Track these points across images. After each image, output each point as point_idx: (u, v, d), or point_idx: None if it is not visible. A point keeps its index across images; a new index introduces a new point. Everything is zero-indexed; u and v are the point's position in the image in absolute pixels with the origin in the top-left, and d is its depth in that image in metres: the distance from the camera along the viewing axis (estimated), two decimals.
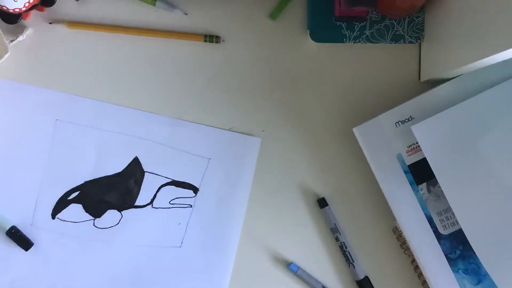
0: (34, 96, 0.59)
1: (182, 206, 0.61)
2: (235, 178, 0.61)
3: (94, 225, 0.60)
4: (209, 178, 0.61)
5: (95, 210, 0.60)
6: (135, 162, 0.60)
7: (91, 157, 0.60)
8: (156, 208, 0.60)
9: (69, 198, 0.59)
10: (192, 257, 0.60)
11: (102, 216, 0.60)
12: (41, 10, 0.59)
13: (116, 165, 0.60)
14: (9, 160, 0.59)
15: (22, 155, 0.59)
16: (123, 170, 0.60)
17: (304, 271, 0.61)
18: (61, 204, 0.59)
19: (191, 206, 0.61)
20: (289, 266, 0.61)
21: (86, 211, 0.60)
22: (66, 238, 0.60)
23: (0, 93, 0.59)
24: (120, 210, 0.60)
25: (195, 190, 0.61)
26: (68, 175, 0.60)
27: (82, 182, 0.60)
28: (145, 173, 0.60)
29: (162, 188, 0.60)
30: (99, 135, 0.60)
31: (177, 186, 0.61)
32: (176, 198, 0.61)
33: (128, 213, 0.60)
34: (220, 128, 0.61)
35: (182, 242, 0.60)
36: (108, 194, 0.60)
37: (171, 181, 0.61)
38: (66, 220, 0.60)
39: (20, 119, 0.59)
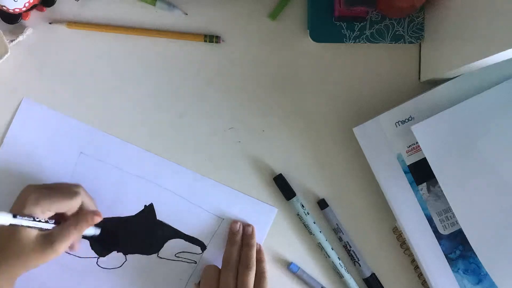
0: (62, 125, 0.59)
1: (187, 261, 0.60)
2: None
3: (97, 263, 0.60)
4: (219, 238, 0.61)
5: (101, 249, 0.60)
6: (150, 209, 0.60)
7: (107, 196, 0.59)
8: (161, 258, 0.60)
9: None
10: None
11: (107, 256, 0.60)
12: (41, 10, 0.59)
13: (131, 208, 0.60)
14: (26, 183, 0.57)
15: (40, 181, 0.58)
16: (136, 214, 0.60)
17: (304, 271, 0.61)
18: None
19: (195, 263, 0.60)
20: (289, 266, 0.61)
21: (92, 248, 0.60)
22: (66, 270, 0.59)
23: (27, 115, 0.59)
24: (125, 254, 0.60)
25: (203, 247, 0.61)
26: None
27: None
28: (158, 221, 0.60)
29: (171, 239, 0.60)
30: (120, 175, 0.60)
31: (186, 240, 0.60)
32: (183, 252, 0.60)
33: (133, 257, 0.60)
34: (241, 192, 0.61)
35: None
36: (117, 235, 0.60)
37: (181, 234, 0.60)
38: (70, 253, 0.59)
39: (44, 145, 0.59)
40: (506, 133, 0.56)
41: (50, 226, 0.52)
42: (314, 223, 0.61)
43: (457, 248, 0.58)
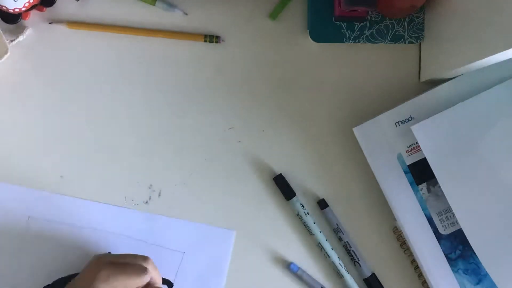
0: (6, 194, 0.59)
1: None
2: (210, 271, 0.60)
3: None
4: (184, 272, 0.60)
5: None
6: None
7: (65, 253, 0.58)
8: None
9: None
10: None
11: None
12: (41, 10, 0.59)
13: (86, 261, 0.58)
14: None
15: None
16: None
17: (304, 271, 0.61)
18: None
19: None
20: (289, 266, 0.61)
21: None
22: None
23: None
24: None
25: (170, 284, 0.60)
26: (40, 272, 0.58)
27: (56, 279, 0.57)
28: None
29: None
30: (71, 231, 0.59)
31: None
32: None
33: None
34: (195, 222, 0.60)
35: None
36: None
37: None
38: None
39: None
40: (506, 133, 0.56)
41: None
42: (314, 223, 0.61)
43: (457, 248, 0.58)
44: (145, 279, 0.53)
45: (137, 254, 0.55)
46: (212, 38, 0.60)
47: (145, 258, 0.55)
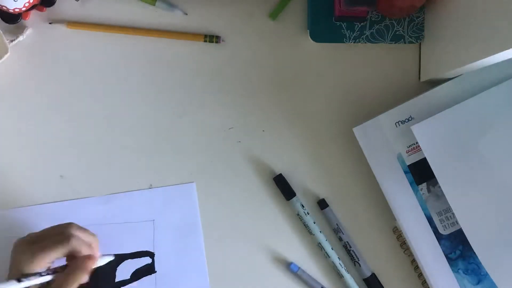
0: None
1: (146, 274, 0.60)
2: (185, 228, 0.60)
3: None
4: (160, 239, 0.60)
5: None
6: None
7: None
8: (119, 286, 0.59)
9: None
10: None
11: None
12: (41, 10, 0.59)
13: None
14: None
15: None
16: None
17: (304, 271, 0.61)
18: None
19: (156, 272, 0.60)
20: (289, 266, 0.61)
21: None
22: None
23: None
24: None
25: (151, 255, 0.60)
26: None
27: None
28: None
29: (119, 266, 0.59)
30: None
31: (133, 258, 0.60)
32: (136, 269, 0.60)
33: None
34: (153, 188, 0.60)
35: None
36: None
37: (124, 256, 0.59)
38: None
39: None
40: (506, 133, 0.56)
41: (50, 277, 0.50)
42: (314, 223, 0.61)
43: (457, 248, 0.58)
44: (71, 246, 0.50)
45: (58, 224, 0.53)
46: (212, 38, 0.60)
47: (68, 225, 0.52)
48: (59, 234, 0.51)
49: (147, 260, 0.60)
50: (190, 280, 0.60)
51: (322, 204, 0.61)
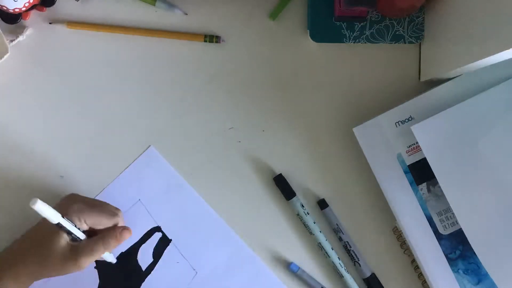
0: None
1: (165, 247, 0.60)
2: (170, 188, 0.61)
3: None
4: (155, 210, 0.61)
5: None
6: (101, 265, 0.59)
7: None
8: (150, 272, 0.60)
9: None
10: (210, 267, 0.60)
11: None
12: (41, 10, 0.59)
13: (91, 283, 0.59)
14: None
15: None
16: (100, 281, 0.59)
17: (304, 271, 0.61)
18: None
19: (171, 240, 0.61)
20: (289, 266, 0.61)
21: None
22: None
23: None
24: None
25: (158, 229, 0.61)
26: None
27: None
28: (116, 262, 0.60)
29: (138, 256, 0.60)
30: None
31: (144, 242, 0.60)
32: (153, 248, 0.60)
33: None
34: (117, 175, 0.60)
35: (194, 269, 0.60)
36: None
37: (137, 244, 0.60)
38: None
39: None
40: (506, 133, 0.56)
41: (83, 236, 0.52)
42: (314, 223, 0.61)
43: (457, 248, 0.58)
44: (113, 222, 0.54)
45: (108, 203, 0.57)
46: (212, 38, 0.60)
47: (117, 209, 0.56)
48: (109, 210, 0.55)
49: (158, 235, 0.60)
50: (201, 224, 0.61)
51: (322, 204, 0.61)
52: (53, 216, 0.48)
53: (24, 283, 0.52)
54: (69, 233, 0.51)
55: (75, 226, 0.51)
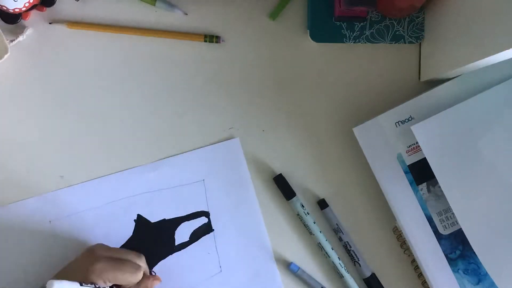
0: (24, 210, 0.59)
1: (204, 234, 0.61)
2: (236, 184, 0.61)
3: None
4: (213, 197, 0.61)
5: None
6: (140, 220, 0.60)
7: (97, 237, 0.59)
8: (180, 249, 0.60)
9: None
10: (235, 273, 0.61)
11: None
12: (41, 10, 0.59)
13: (124, 232, 0.60)
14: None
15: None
16: (133, 233, 0.60)
17: (304, 271, 0.61)
18: None
19: (213, 230, 0.61)
20: (289, 266, 0.61)
21: None
22: None
23: None
24: (150, 270, 0.59)
25: (206, 214, 0.61)
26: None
27: None
28: (154, 223, 0.60)
29: (177, 229, 0.60)
30: (94, 214, 0.59)
31: (189, 220, 0.60)
32: (194, 230, 0.60)
33: (159, 268, 0.60)
34: (197, 148, 0.61)
35: (220, 266, 0.61)
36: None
37: (180, 218, 0.60)
38: None
39: (16, 234, 0.59)
40: (506, 133, 0.56)
41: None
42: (314, 223, 0.61)
43: (457, 248, 0.58)
44: (138, 277, 0.54)
45: (131, 251, 0.56)
46: (212, 38, 0.60)
47: (139, 255, 0.56)
48: (133, 263, 0.54)
49: (203, 220, 0.61)
50: (248, 233, 0.61)
51: (322, 204, 0.61)
52: None
53: None
54: None
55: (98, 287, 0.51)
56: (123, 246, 0.60)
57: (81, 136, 0.60)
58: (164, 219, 0.60)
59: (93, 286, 0.50)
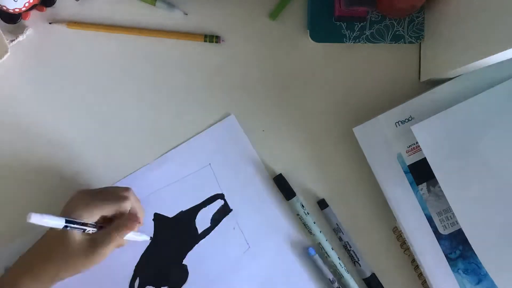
0: None
1: (225, 215, 0.61)
2: (242, 160, 0.61)
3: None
4: (223, 178, 0.61)
5: (163, 281, 0.60)
6: (158, 217, 0.60)
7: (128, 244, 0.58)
8: (204, 237, 0.60)
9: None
10: (263, 247, 0.61)
11: (169, 279, 0.60)
12: (41, 10, 0.59)
13: (146, 233, 0.59)
14: None
15: None
16: (154, 233, 0.60)
17: (319, 257, 0.61)
18: None
19: (232, 210, 0.61)
20: (308, 250, 0.61)
21: (155, 285, 0.60)
22: None
23: None
24: (180, 263, 0.60)
25: (222, 196, 0.61)
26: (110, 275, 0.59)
27: (133, 270, 0.60)
28: (173, 218, 0.60)
29: (196, 218, 0.60)
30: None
31: (205, 206, 0.61)
32: (213, 214, 0.61)
33: (188, 260, 0.60)
34: (195, 135, 0.61)
35: (248, 243, 0.61)
36: (161, 260, 0.60)
37: (198, 206, 0.60)
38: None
39: None
40: (506, 133, 0.56)
41: (94, 230, 0.52)
42: (314, 223, 0.61)
43: (457, 248, 0.58)
44: (124, 207, 0.54)
45: (118, 186, 0.57)
46: (212, 38, 0.60)
47: (126, 189, 0.56)
48: (118, 194, 0.54)
49: (220, 203, 0.61)
50: (266, 208, 0.61)
51: (322, 204, 0.61)
52: (57, 223, 0.48)
53: (46, 284, 0.52)
54: (81, 229, 0.51)
55: (83, 222, 0.51)
56: (148, 249, 0.60)
57: (80, 135, 0.60)
58: (182, 211, 0.60)
59: (80, 222, 0.50)
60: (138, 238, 0.57)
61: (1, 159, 0.60)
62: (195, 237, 0.60)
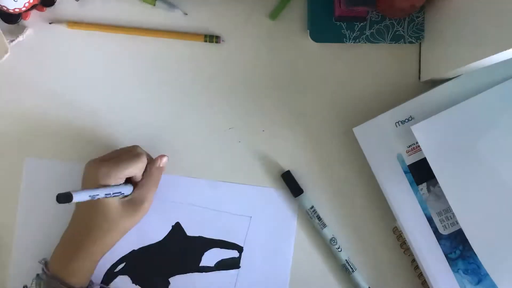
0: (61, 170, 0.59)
1: (229, 268, 0.60)
2: (278, 234, 0.61)
3: None
4: (252, 236, 0.61)
5: (142, 280, 0.60)
6: (177, 228, 0.60)
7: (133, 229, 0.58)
8: (202, 272, 0.60)
9: (116, 270, 0.59)
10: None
11: (150, 286, 0.60)
12: (41, 10, 0.59)
13: (158, 233, 0.60)
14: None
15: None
16: (165, 237, 0.60)
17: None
18: (109, 276, 0.59)
19: (239, 267, 0.60)
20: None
21: (134, 282, 0.60)
22: None
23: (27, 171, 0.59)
24: (167, 278, 0.60)
25: (240, 249, 0.60)
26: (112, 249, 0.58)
27: (127, 252, 0.60)
28: (189, 237, 0.60)
29: (207, 251, 0.60)
30: None
31: (222, 248, 0.60)
32: (222, 259, 0.60)
33: (175, 280, 0.60)
34: (260, 186, 0.61)
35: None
36: (153, 263, 0.60)
37: (215, 242, 0.60)
38: None
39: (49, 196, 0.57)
40: (506, 133, 0.56)
41: (129, 190, 0.52)
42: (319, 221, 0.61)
43: (457, 248, 0.58)
44: (143, 162, 0.54)
45: (124, 147, 0.57)
46: (212, 38, 0.60)
47: (133, 146, 0.56)
48: (131, 153, 0.54)
49: (234, 253, 0.60)
50: (270, 284, 0.60)
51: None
52: (87, 197, 0.48)
53: (98, 256, 0.53)
54: (115, 195, 0.51)
55: (112, 186, 0.51)
56: (150, 247, 0.60)
57: (80, 136, 0.60)
58: (201, 236, 0.60)
59: (109, 188, 0.51)
60: (126, 191, 0.55)
61: (2, 159, 0.60)
62: (195, 267, 0.60)
